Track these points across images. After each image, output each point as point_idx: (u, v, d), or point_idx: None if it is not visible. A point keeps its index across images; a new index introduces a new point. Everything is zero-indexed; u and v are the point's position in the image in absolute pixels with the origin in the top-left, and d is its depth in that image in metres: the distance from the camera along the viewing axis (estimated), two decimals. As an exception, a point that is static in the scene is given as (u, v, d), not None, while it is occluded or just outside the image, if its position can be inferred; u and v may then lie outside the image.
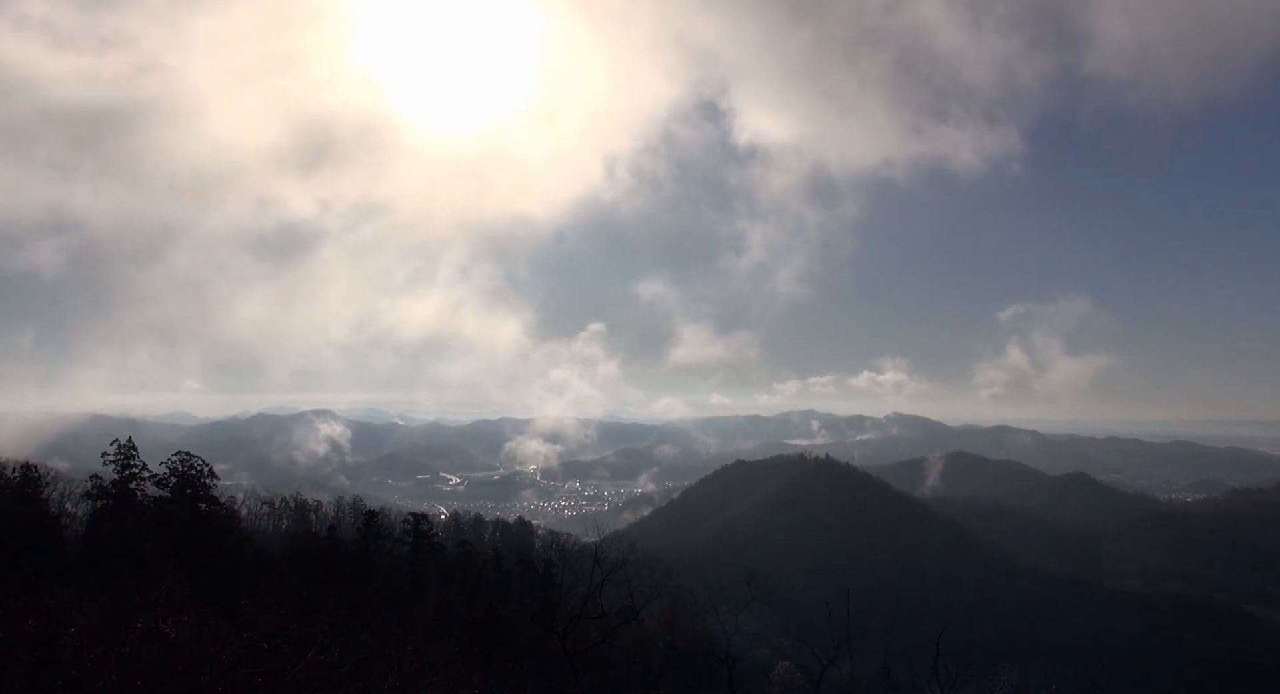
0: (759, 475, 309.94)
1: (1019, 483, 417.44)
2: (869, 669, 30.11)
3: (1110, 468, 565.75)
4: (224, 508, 75.29)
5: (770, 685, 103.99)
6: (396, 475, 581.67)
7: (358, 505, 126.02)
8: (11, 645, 19.60)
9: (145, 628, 21.69)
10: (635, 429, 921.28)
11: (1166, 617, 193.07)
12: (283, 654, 22.26)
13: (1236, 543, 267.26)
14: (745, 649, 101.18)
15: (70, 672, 19.44)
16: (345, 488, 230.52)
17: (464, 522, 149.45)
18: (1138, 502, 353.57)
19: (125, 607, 23.04)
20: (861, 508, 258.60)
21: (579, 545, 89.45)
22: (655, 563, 54.93)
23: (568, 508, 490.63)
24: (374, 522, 78.77)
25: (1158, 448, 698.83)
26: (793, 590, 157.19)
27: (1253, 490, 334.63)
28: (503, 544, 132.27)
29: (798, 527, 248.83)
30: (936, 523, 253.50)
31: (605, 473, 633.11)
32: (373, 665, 27.33)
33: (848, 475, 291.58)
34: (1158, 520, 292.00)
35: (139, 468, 65.47)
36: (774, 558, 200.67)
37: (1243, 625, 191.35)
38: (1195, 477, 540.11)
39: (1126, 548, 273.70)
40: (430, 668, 30.78)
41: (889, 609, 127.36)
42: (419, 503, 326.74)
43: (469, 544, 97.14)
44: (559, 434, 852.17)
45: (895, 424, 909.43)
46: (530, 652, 62.12)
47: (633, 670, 62.50)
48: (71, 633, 20.81)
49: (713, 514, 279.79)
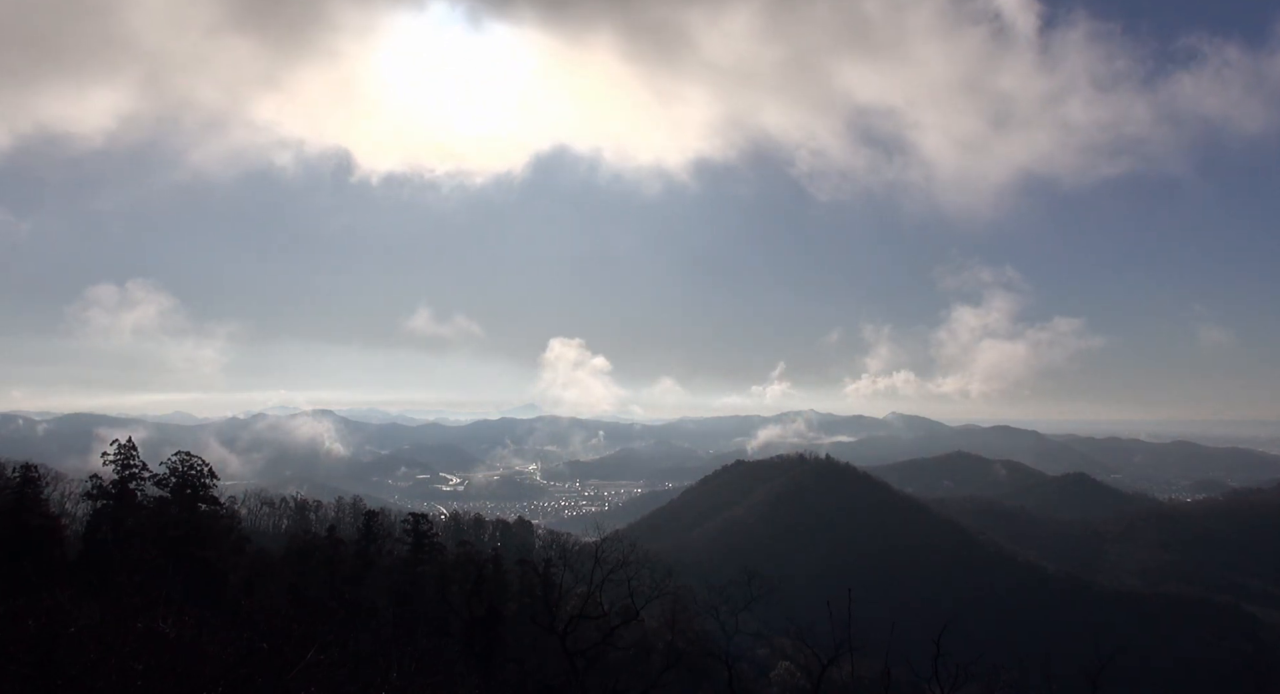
0: (759, 475, 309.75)
1: (1019, 483, 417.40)
2: (869, 669, 30.05)
3: (1110, 468, 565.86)
4: (224, 508, 75.28)
5: (770, 685, 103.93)
6: (396, 475, 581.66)
7: (358, 505, 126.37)
8: (11, 645, 19.59)
9: (145, 628, 21.68)
10: (635, 429, 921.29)
11: (1166, 617, 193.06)
12: (283, 654, 22.24)
13: (1236, 543, 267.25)
14: (745, 649, 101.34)
15: (70, 672, 19.43)
16: (345, 488, 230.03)
17: (464, 522, 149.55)
18: (1138, 502, 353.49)
19: (125, 607, 23.04)
20: (861, 508, 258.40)
21: (579, 545, 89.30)
22: (655, 563, 54.73)
23: (568, 508, 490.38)
24: (374, 522, 78.73)
25: (1158, 448, 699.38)
26: (793, 590, 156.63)
27: (1253, 490, 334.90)
28: (503, 544, 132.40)
29: (798, 527, 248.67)
30: (936, 523, 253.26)
31: (605, 473, 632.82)
32: (373, 665, 27.32)
33: (848, 475, 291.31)
34: (1158, 520, 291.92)
35: (139, 468, 65.38)
36: (774, 558, 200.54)
37: (1242, 626, 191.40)
38: (1195, 477, 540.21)
39: (1126, 548, 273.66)
40: (430, 668, 30.76)
41: (889, 609, 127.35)
42: (419, 503, 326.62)
43: (469, 544, 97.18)
44: (559, 434, 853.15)
45: (895, 424, 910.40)
46: (530, 652, 62.09)
47: (633, 670, 62.43)
48: (71, 633, 20.79)
49: (713, 514, 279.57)
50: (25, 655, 19.46)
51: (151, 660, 20.16)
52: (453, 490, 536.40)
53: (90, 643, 20.60)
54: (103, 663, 19.75)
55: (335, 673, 24.28)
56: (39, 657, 19.59)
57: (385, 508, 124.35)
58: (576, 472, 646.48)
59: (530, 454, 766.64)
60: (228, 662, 21.71)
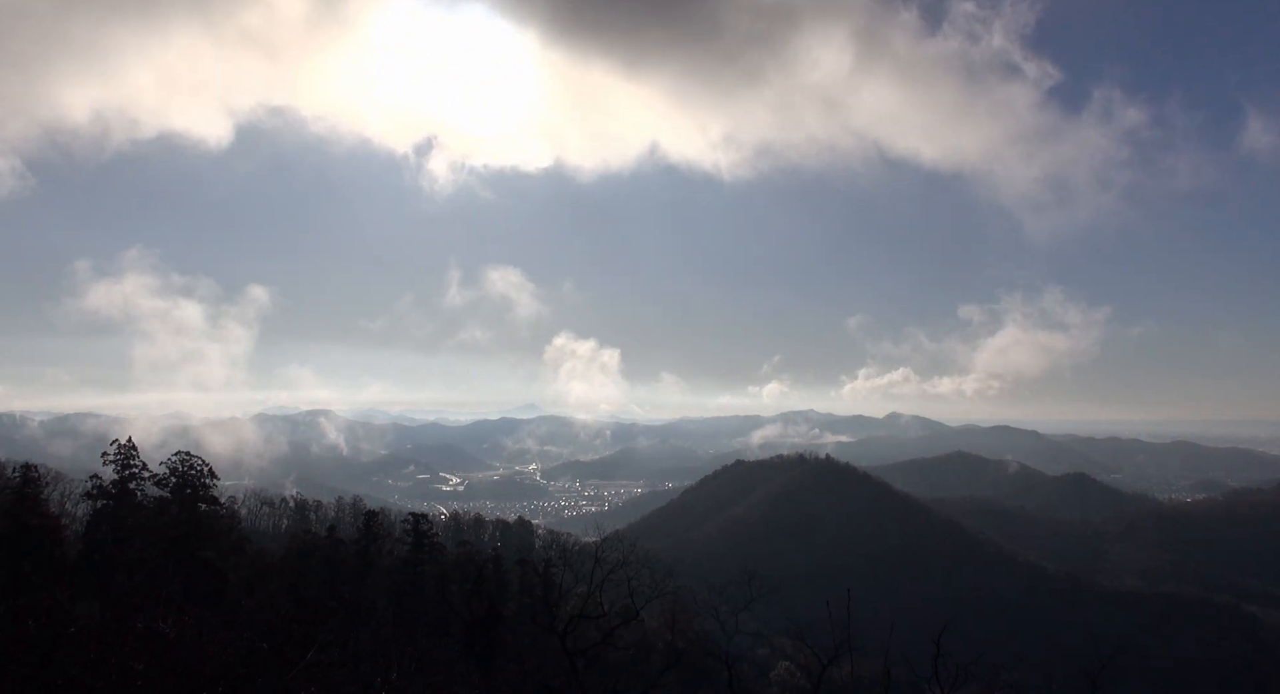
0: (759, 475, 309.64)
1: (1019, 483, 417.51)
2: (869, 669, 30.03)
3: (1110, 468, 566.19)
4: (224, 508, 75.27)
5: (770, 685, 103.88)
6: (396, 475, 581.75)
7: (358, 505, 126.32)
8: (11, 645, 19.59)
9: (145, 628, 21.68)
10: (635, 429, 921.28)
11: (1166, 617, 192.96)
12: (283, 654, 22.24)
13: (1236, 543, 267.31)
14: (745, 649, 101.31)
15: (70, 672, 19.43)
16: (345, 488, 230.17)
17: (464, 522, 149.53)
18: (1138, 502, 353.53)
19: (125, 607, 23.04)
20: (862, 508, 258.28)
21: (579, 545, 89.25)
22: (655, 563, 54.71)
23: (568, 508, 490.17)
24: (374, 522, 78.64)
25: (1158, 448, 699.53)
26: (793, 590, 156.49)
27: (1253, 490, 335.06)
28: (503, 544, 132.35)
29: (798, 527, 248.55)
30: (936, 523, 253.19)
31: (605, 473, 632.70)
32: (373, 665, 27.32)
33: (848, 475, 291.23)
34: (1158, 520, 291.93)
35: (139, 468, 65.35)
36: (774, 558, 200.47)
37: (1242, 626, 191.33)
38: (1195, 477, 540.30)
39: (1126, 548, 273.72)
40: (430, 668, 30.76)
41: (889, 609, 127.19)
42: (419, 503, 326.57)
43: (469, 544, 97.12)
44: (559, 434, 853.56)
45: (895, 424, 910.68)
46: (530, 652, 62.07)
47: (633, 670, 62.43)
48: (71, 633, 20.79)
49: (713, 514, 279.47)
50: (25, 655, 19.46)
51: (151, 660, 20.15)
52: (453, 490, 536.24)
53: (90, 643, 20.59)
54: (103, 663, 19.75)
55: (335, 673, 24.28)
56: (39, 657, 19.60)
57: (385, 508, 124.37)
58: (576, 472, 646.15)
59: (530, 454, 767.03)
60: (228, 662, 21.71)
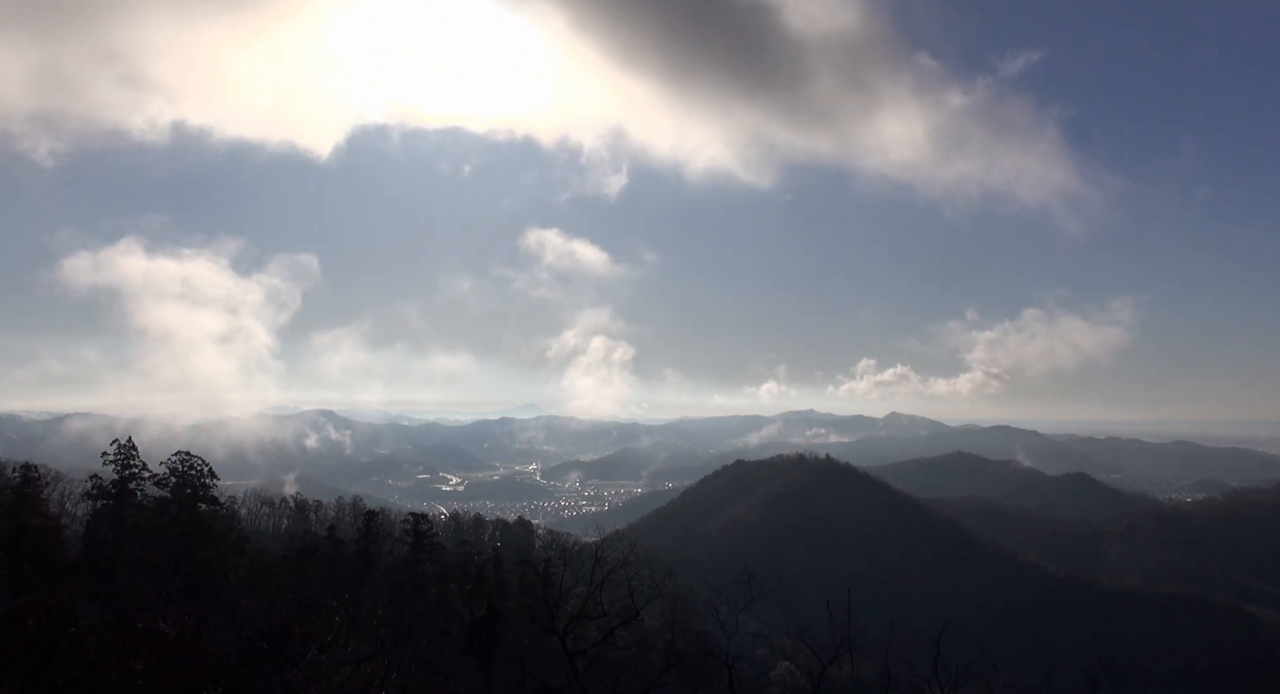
0: (759, 475, 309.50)
1: (1019, 483, 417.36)
2: (869, 669, 30.02)
3: (1110, 468, 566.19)
4: (224, 508, 75.18)
5: (770, 685, 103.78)
6: (396, 475, 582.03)
7: (358, 505, 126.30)
8: (11, 645, 19.59)
9: (145, 628, 21.68)
10: (635, 429, 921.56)
11: (1166, 617, 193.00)
12: (283, 654, 22.25)
13: (1236, 543, 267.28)
14: (745, 649, 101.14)
15: (70, 672, 19.43)
16: (345, 488, 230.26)
17: (464, 522, 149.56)
18: (1138, 502, 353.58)
19: (125, 607, 23.04)
20: (862, 508, 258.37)
21: (579, 545, 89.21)
22: (655, 563, 54.65)
23: (568, 508, 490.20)
24: (374, 522, 78.70)
25: (1158, 448, 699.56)
26: (793, 590, 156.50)
27: (1253, 490, 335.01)
28: (503, 544, 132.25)
29: (797, 527, 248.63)
30: (936, 523, 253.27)
31: (605, 473, 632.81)
32: (373, 665, 27.32)
33: (848, 475, 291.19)
34: (1158, 520, 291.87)
35: (139, 468, 65.35)
36: (774, 558, 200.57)
37: (1242, 626, 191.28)
38: (1195, 477, 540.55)
39: (1126, 548, 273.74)
40: (430, 668, 30.77)
41: (889, 609, 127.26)
42: (419, 503, 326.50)
43: (469, 544, 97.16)
44: (559, 434, 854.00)
45: (895, 424, 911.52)
46: (530, 652, 62.02)
47: (633, 670, 62.41)
48: (71, 633, 20.80)
49: (713, 514, 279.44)
50: (25, 655, 19.47)
51: (151, 660, 20.16)
52: (453, 490, 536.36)
53: (90, 643, 20.60)
54: (103, 663, 19.75)
55: (335, 673, 24.28)
56: (39, 657, 19.60)
57: (385, 508, 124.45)
58: (576, 472, 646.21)
59: (530, 454, 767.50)
60: (228, 662, 21.71)
